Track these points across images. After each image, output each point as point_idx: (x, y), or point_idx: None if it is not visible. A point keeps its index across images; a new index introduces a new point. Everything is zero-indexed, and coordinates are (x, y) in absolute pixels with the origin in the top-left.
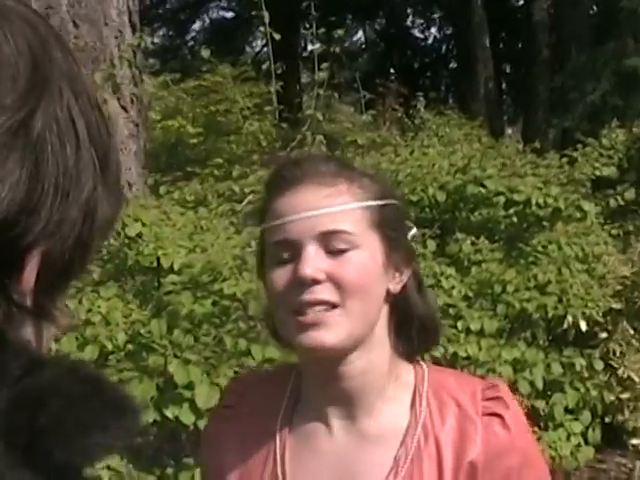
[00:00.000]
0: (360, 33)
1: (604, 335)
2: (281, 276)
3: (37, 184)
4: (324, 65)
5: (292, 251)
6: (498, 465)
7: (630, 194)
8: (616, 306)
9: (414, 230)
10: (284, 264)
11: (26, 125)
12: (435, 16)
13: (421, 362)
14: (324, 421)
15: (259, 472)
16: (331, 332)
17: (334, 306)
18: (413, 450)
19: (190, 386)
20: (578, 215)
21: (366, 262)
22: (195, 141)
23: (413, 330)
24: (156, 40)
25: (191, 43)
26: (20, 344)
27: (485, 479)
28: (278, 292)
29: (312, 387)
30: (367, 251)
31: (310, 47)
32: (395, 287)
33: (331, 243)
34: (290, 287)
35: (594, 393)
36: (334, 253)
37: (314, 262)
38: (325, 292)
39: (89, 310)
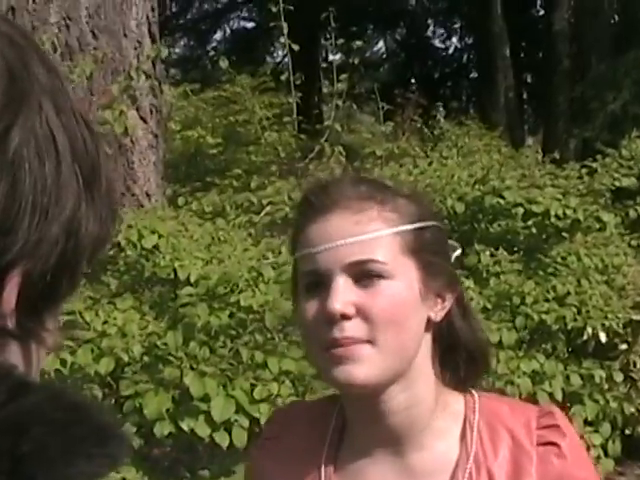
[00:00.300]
0: (381, 43)
1: (624, 347)
2: (311, 309)
3: (14, 203)
4: (343, 76)
5: (321, 282)
6: None
7: None
8: (636, 317)
9: (458, 251)
10: (314, 296)
11: (2, 141)
12: (456, 26)
13: (472, 390)
14: (370, 457)
15: None
16: (362, 368)
17: (366, 342)
18: None
19: (206, 398)
20: (597, 226)
21: (400, 293)
22: (214, 151)
23: (459, 359)
24: (177, 50)
25: (212, 53)
26: (4, 368)
27: None
28: (308, 326)
29: (356, 423)
30: (401, 281)
31: (330, 57)
32: (437, 315)
33: (361, 273)
34: (320, 322)
35: (614, 405)
36: (365, 284)
37: (343, 296)
38: (355, 329)
39: (105, 322)
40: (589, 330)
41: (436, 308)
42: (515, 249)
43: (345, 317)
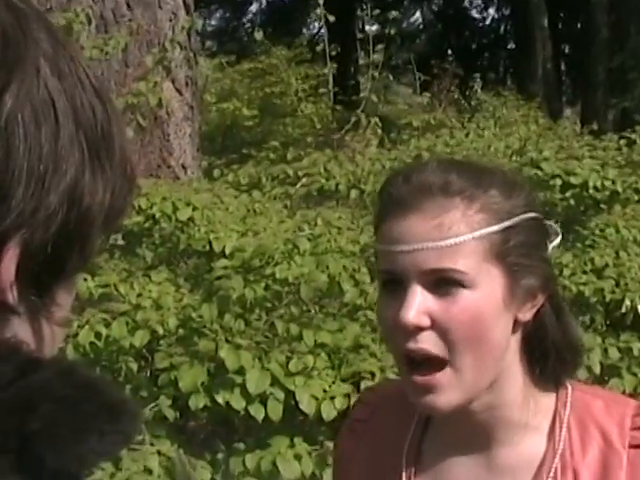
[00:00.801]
0: (417, 14)
1: None
2: (387, 311)
3: (7, 170)
4: (379, 47)
5: (398, 281)
6: None
7: None
8: None
9: (557, 240)
10: (390, 296)
11: None
12: None
13: (566, 382)
14: (454, 451)
15: None
16: (443, 397)
17: (443, 362)
18: None
19: (241, 371)
20: (636, 198)
21: (479, 304)
22: (250, 123)
23: (549, 359)
24: (213, 22)
25: (248, 25)
26: (10, 345)
27: None
28: (385, 327)
29: (441, 418)
30: (483, 290)
31: (367, 28)
32: (525, 315)
33: (440, 280)
34: (395, 328)
35: None
36: (443, 292)
37: (418, 305)
38: (431, 342)
39: (140, 294)
40: (627, 302)
41: (525, 308)
42: (553, 221)
43: (420, 328)
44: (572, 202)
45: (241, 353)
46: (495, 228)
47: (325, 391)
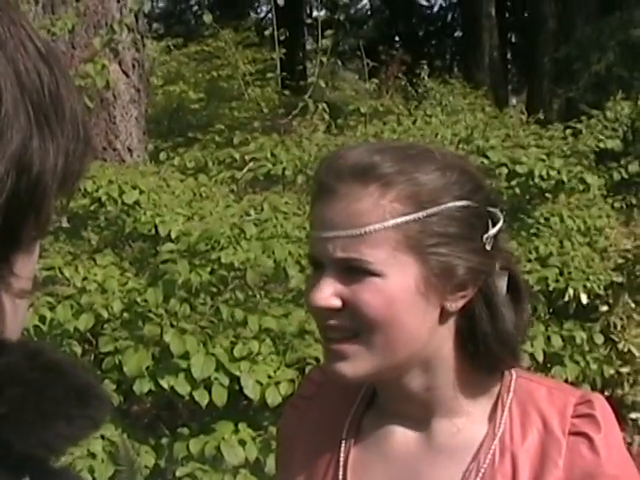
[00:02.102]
0: (365, 0)
1: (605, 308)
2: (308, 293)
3: None
4: (328, 32)
5: (318, 267)
6: None
7: (634, 167)
8: (617, 279)
9: (493, 230)
10: (313, 279)
11: None
12: None
13: (511, 369)
14: (393, 428)
15: (322, 472)
16: (349, 365)
17: (355, 334)
18: (486, 466)
19: (186, 356)
20: (581, 187)
21: (389, 291)
22: (197, 107)
23: (480, 352)
24: (160, 4)
25: (195, 8)
26: None
27: None
28: (308, 307)
29: (382, 394)
30: (393, 278)
31: (315, 14)
32: (452, 305)
33: (349, 268)
34: (314, 307)
35: (594, 367)
36: (354, 278)
37: (327, 289)
38: (344, 319)
39: (85, 278)
40: (570, 291)
41: (452, 297)
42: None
43: (331, 309)
44: (517, 191)
45: (186, 338)
46: (409, 217)
47: (270, 377)
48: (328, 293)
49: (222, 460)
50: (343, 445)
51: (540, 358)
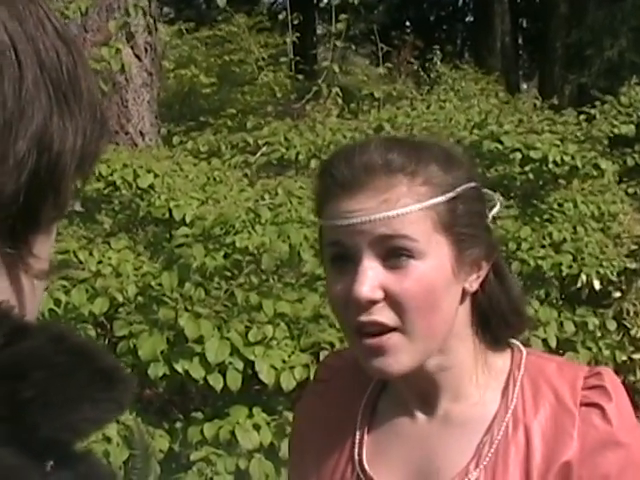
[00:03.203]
0: None
1: (618, 294)
2: (337, 287)
3: None
4: (343, 16)
5: (347, 256)
6: (596, 462)
7: None
8: (630, 266)
9: (496, 208)
10: (340, 271)
11: None
12: None
13: (520, 347)
14: (408, 406)
15: (338, 453)
16: (393, 359)
17: (394, 329)
18: (499, 439)
19: (200, 340)
20: (595, 173)
21: (430, 275)
22: (208, 91)
23: (497, 326)
24: None
25: None
26: (2, 310)
27: (582, 476)
28: (336, 303)
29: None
30: (432, 260)
31: None
32: (472, 285)
33: (390, 250)
34: (347, 303)
35: (606, 353)
36: (393, 264)
37: (371, 280)
38: (384, 313)
39: (100, 262)
40: (583, 277)
41: (471, 278)
42: (512, 195)
43: (373, 302)
44: (531, 176)
45: (201, 322)
46: (440, 199)
47: (284, 361)
48: (372, 284)
49: (236, 444)
50: (358, 426)
51: (553, 344)
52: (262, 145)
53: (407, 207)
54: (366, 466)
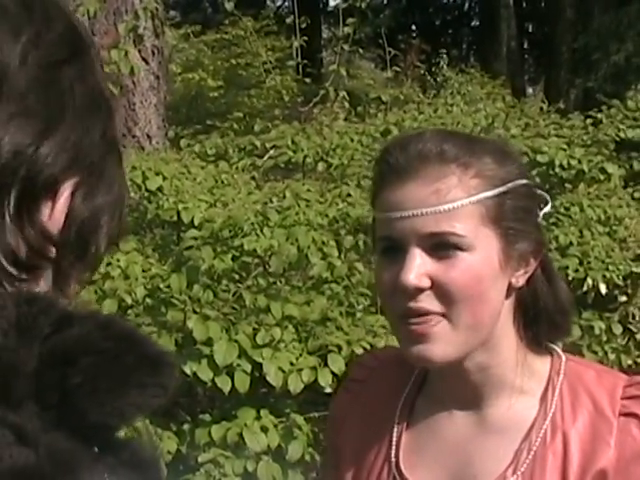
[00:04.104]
0: None
1: (624, 299)
2: (386, 276)
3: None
4: (350, 20)
5: (397, 248)
6: (632, 472)
7: None
8: (636, 270)
9: (547, 207)
10: (389, 262)
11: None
12: None
13: (560, 352)
14: (446, 409)
15: (374, 453)
16: (438, 346)
17: (441, 315)
18: (537, 445)
19: (209, 342)
20: (601, 177)
21: (477, 266)
22: (215, 94)
23: (541, 325)
24: None
25: None
26: (49, 298)
27: None
28: (384, 292)
29: (435, 376)
30: (480, 253)
31: (332, 2)
32: (518, 280)
33: (438, 244)
34: (394, 291)
35: (612, 357)
36: (441, 255)
37: (418, 268)
38: (430, 301)
39: (108, 264)
40: (589, 281)
41: (518, 273)
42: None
43: (420, 290)
44: (538, 180)
45: (209, 324)
46: (490, 193)
47: (292, 364)
48: (419, 272)
49: (244, 447)
50: (396, 427)
51: (559, 348)
52: (269, 148)
53: (457, 202)
54: (402, 467)
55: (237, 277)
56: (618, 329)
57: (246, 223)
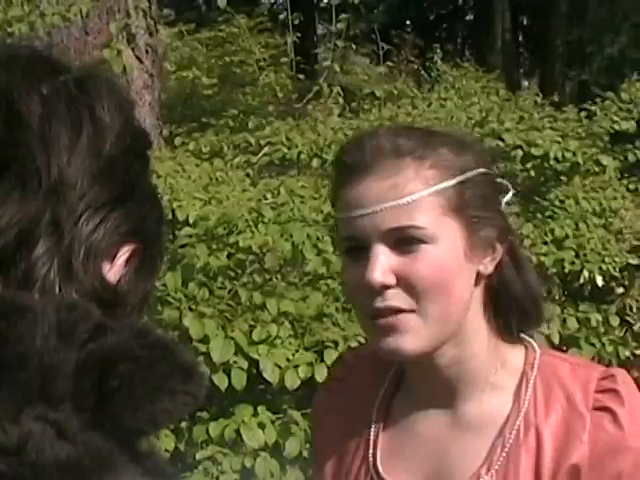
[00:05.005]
0: None
1: (620, 290)
2: (352, 276)
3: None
4: (343, 16)
5: (360, 248)
6: (606, 467)
7: None
8: (633, 261)
9: (509, 194)
10: (354, 261)
11: None
12: None
13: (535, 345)
14: (422, 407)
15: (352, 452)
16: (408, 338)
17: (409, 312)
18: (511, 442)
19: (205, 340)
20: (596, 169)
21: (442, 257)
22: (210, 92)
23: (511, 313)
24: None
25: None
26: (87, 307)
27: None
28: (351, 292)
29: (412, 373)
30: (444, 244)
31: None
32: (486, 268)
33: (401, 239)
34: (362, 290)
35: (610, 349)
36: (405, 250)
37: (382, 265)
38: (398, 298)
39: None
40: (586, 274)
41: (485, 260)
42: (513, 192)
43: (386, 287)
44: (532, 173)
45: (205, 322)
46: (448, 183)
47: (289, 360)
48: (384, 269)
49: (242, 443)
50: (373, 426)
51: (556, 340)
52: (264, 145)
53: (415, 194)
54: (379, 466)
55: (232, 274)
56: (615, 321)
57: (241, 220)
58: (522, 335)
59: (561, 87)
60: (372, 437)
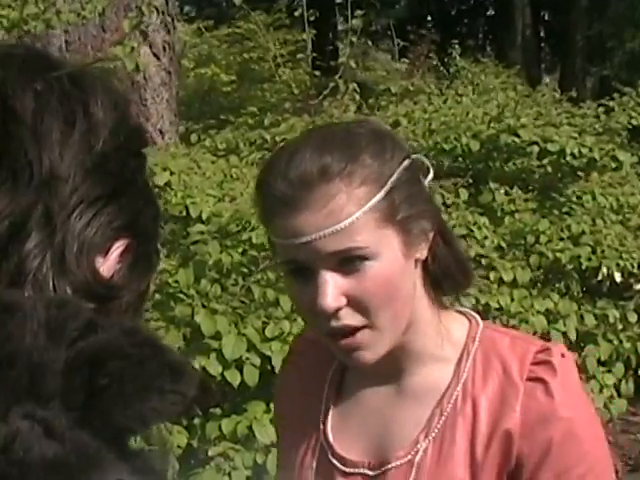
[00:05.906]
0: None
1: (638, 287)
2: (303, 298)
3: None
4: (359, 12)
5: (304, 270)
6: (536, 435)
7: None
8: None
9: (430, 176)
10: (301, 283)
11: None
12: None
13: (479, 319)
14: (371, 382)
15: (307, 421)
16: (368, 352)
17: (364, 327)
18: (449, 411)
19: (217, 336)
20: (613, 165)
21: (386, 268)
22: (228, 89)
23: (446, 283)
24: None
25: None
26: (77, 304)
27: (522, 449)
28: (303, 311)
29: None
30: (385, 255)
31: None
32: (422, 254)
33: (343, 260)
34: (314, 313)
35: (627, 345)
36: (349, 270)
37: (332, 290)
38: (351, 316)
39: None
40: (604, 270)
41: (420, 248)
42: (530, 188)
43: (338, 309)
44: (549, 169)
45: (217, 318)
46: (379, 196)
47: None
48: (334, 294)
49: (254, 439)
50: (325, 396)
51: (573, 337)
52: (279, 142)
53: (351, 216)
54: (329, 435)
55: (246, 271)
56: (633, 317)
57: (254, 217)
58: (466, 309)
59: (582, 82)
60: (324, 407)
